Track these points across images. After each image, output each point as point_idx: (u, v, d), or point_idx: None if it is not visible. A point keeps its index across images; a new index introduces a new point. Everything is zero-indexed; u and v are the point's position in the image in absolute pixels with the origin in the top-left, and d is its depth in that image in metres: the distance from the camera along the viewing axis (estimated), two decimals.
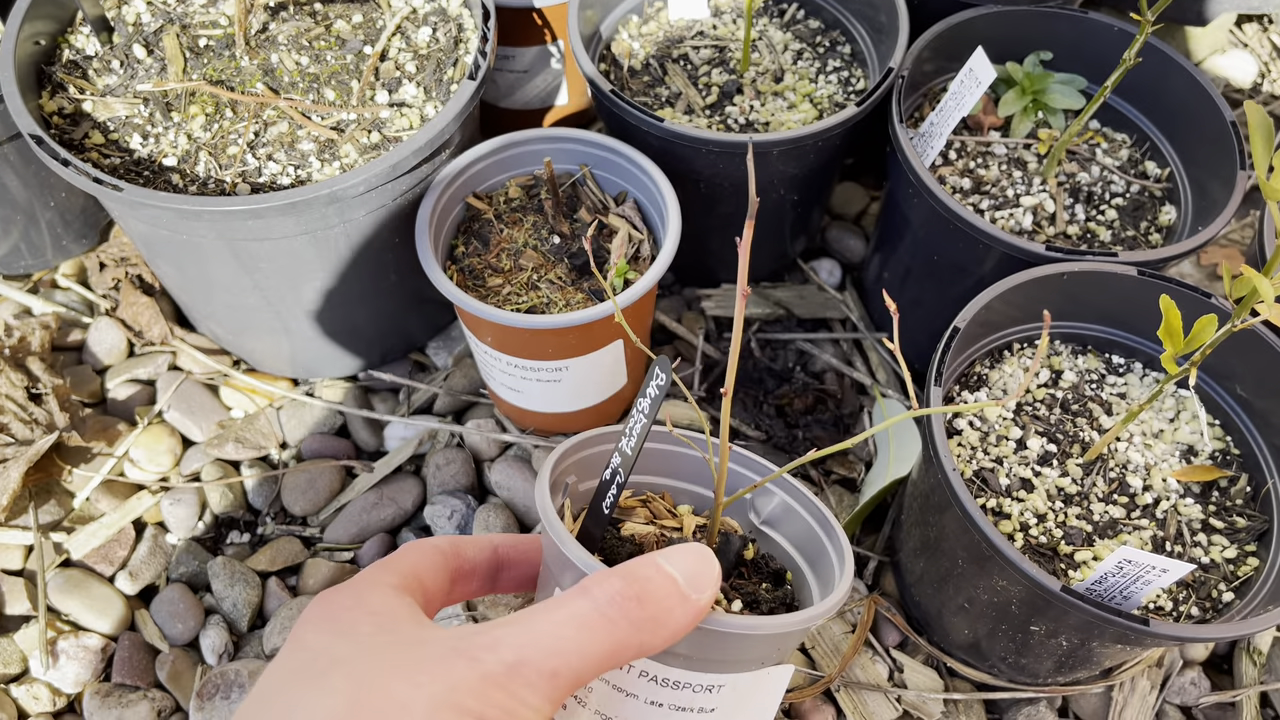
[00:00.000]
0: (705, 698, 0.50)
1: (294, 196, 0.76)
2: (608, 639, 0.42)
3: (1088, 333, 0.85)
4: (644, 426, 0.49)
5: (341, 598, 0.46)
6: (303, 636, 0.44)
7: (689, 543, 0.48)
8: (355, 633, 0.43)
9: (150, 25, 0.88)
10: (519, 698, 0.40)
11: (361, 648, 0.42)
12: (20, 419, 0.92)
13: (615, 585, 0.44)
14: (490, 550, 0.56)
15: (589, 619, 0.42)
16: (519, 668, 0.40)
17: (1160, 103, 0.96)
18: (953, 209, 0.84)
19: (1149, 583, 0.66)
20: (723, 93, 0.98)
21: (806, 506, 0.63)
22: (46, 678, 0.85)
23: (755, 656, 0.50)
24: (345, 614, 0.44)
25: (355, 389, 1.04)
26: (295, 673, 0.42)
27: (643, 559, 0.46)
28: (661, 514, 0.61)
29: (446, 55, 0.89)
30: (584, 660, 0.42)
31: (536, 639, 0.41)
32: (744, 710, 0.52)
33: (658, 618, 0.44)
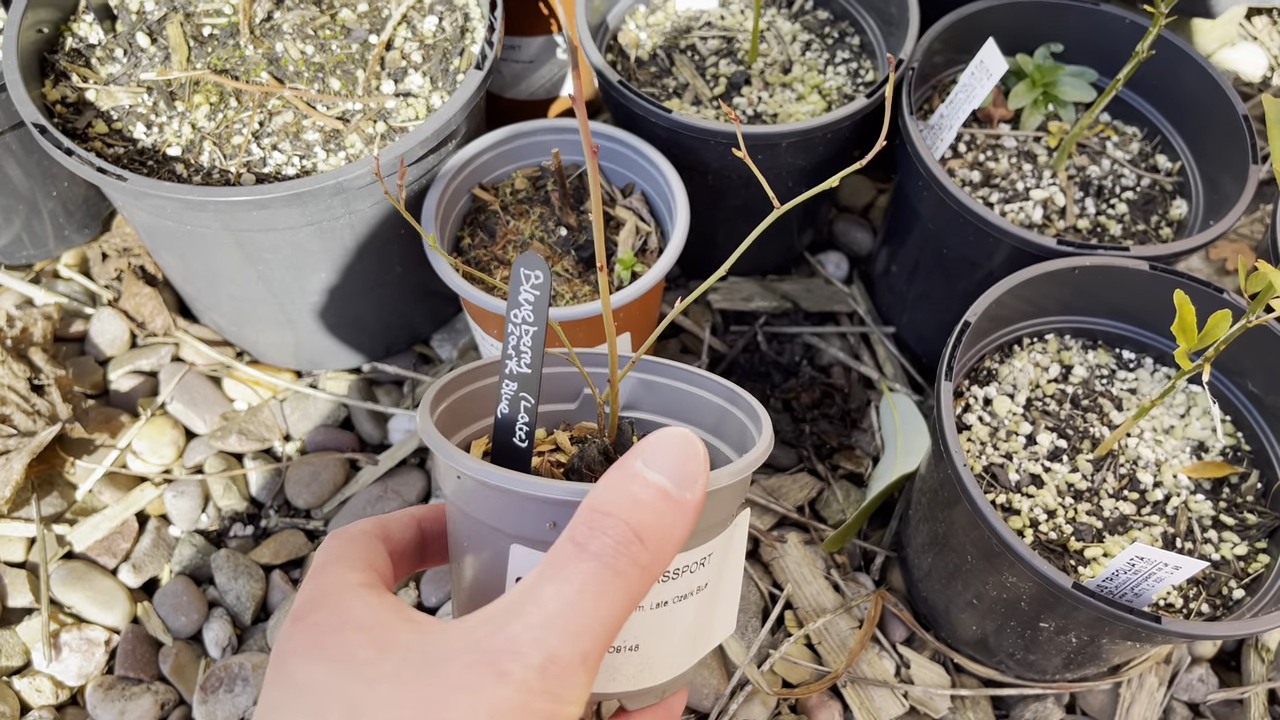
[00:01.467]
0: (700, 574, 0.47)
1: (299, 187, 0.75)
2: (624, 593, 0.39)
3: (1098, 327, 0.85)
4: (535, 336, 0.43)
5: (321, 617, 0.41)
6: (292, 672, 0.39)
7: (662, 431, 0.42)
8: (354, 660, 0.39)
9: (154, 13, 0.87)
10: (559, 697, 0.37)
11: (368, 681, 0.38)
12: (23, 410, 0.92)
13: (611, 530, 0.39)
14: (414, 526, 0.52)
15: (600, 583, 0.38)
16: (549, 667, 0.37)
17: (1172, 96, 0.96)
18: (962, 202, 0.83)
19: (1161, 580, 0.66)
20: (730, 84, 0.97)
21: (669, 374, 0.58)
22: (49, 670, 0.84)
23: (728, 512, 0.47)
24: (333, 638, 0.40)
25: (359, 381, 1.03)
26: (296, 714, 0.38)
27: (623, 473, 0.41)
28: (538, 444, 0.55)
29: (453, 45, 0.88)
30: (608, 629, 0.38)
31: (557, 627, 0.38)
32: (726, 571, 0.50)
33: (662, 545, 0.40)
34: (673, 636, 0.47)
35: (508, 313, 0.43)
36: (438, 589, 0.89)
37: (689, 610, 0.47)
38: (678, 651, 0.48)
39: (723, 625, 0.52)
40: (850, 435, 0.99)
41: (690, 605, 0.47)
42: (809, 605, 0.89)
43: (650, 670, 0.47)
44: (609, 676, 0.46)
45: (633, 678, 0.47)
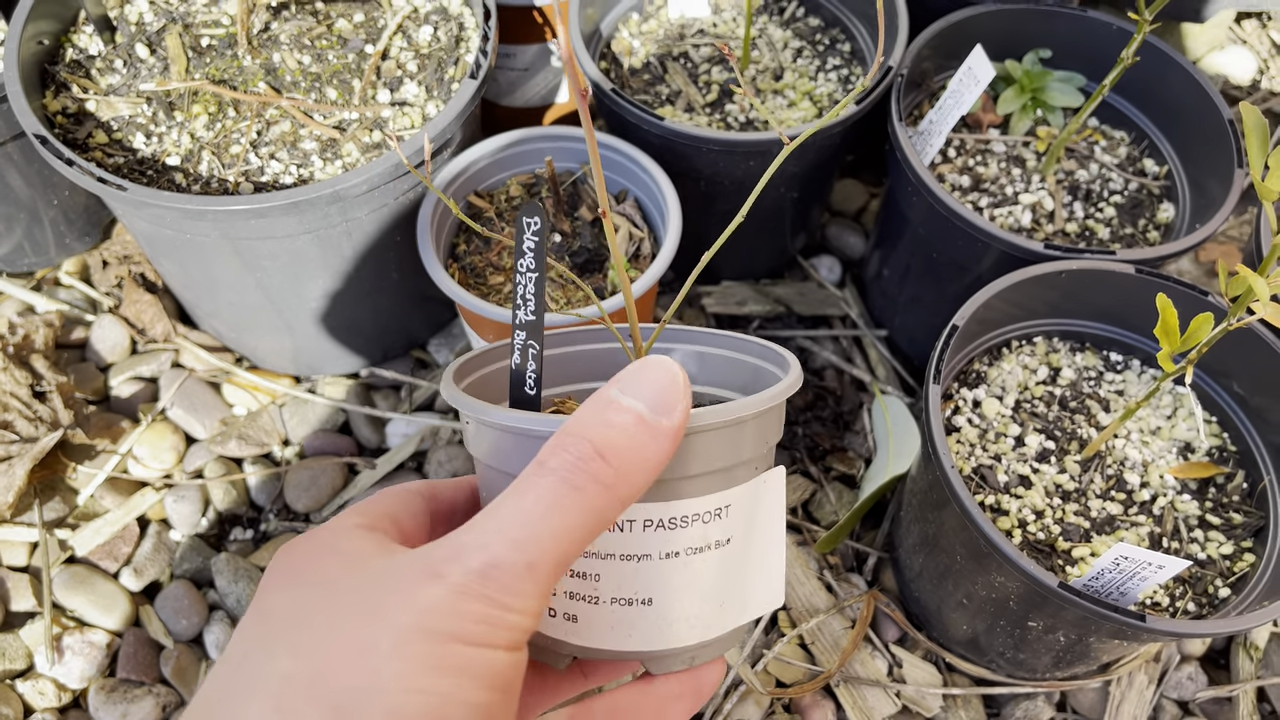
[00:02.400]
0: (718, 526, 0.45)
1: (297, 196, 0.76)
2: (582, 509, 0.38)
3: (1086, 330, 0.86)
4: (538, 282, 0.43)
5: (303, 545, 0.41)
6: (266, 601, 0.40)
7: (647, 359, 0.41)
8: (322, 582, 0.39)
9: (153, 25, 0.89)
10: (498, 603, 0.36)
11: (325, 596, 0.38)
12: (25, 416, 0.93)
13: (572, 448, 0.38)
14: (468, 489, 0.51)
15: (555, 495, 0.37)
16: (490, 570, 0.36)
17: (1159, 101, 0.97)
18: (951, 207, 0.84)
19: (1145, 579, 0.67)
20: (723, 91, 0.98)
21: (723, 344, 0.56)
22: (52, 673, 0.85)
23: (752, 454, 0.46)
24: (308, 564, 0.40)
25: (357, 386, 1.04)
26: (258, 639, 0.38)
27: (597, 397, 0.40)
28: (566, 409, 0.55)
29: (448, 54, 0.90)
30: (560, 542, 0.37)
31: (502, 534, 0.37)
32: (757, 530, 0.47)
33: (630, 465, 0.39)
34: (691, 593, 0.45)
35: (515, 262, 0.43)
36: None
37: (709, 566, 0.45)
38: (702, 612, 0.46)
39: (765, 595, 0.49)
40: (843, 437, 1.00)
41: (711, 560, 0.45)
42: (802, 606, 0.90)
43: (670, 629, 0.45)
44: (624, 632, 0.45)
45: (650, 636, 0.45)
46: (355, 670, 0.34)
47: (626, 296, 0.47)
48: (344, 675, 0.34)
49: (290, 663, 0.35)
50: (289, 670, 0.35)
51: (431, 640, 0.34)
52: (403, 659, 0.34)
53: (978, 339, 0.83)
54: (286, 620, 0.37)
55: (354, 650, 0.34)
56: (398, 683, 0.34)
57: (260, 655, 0.36)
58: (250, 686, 0.36)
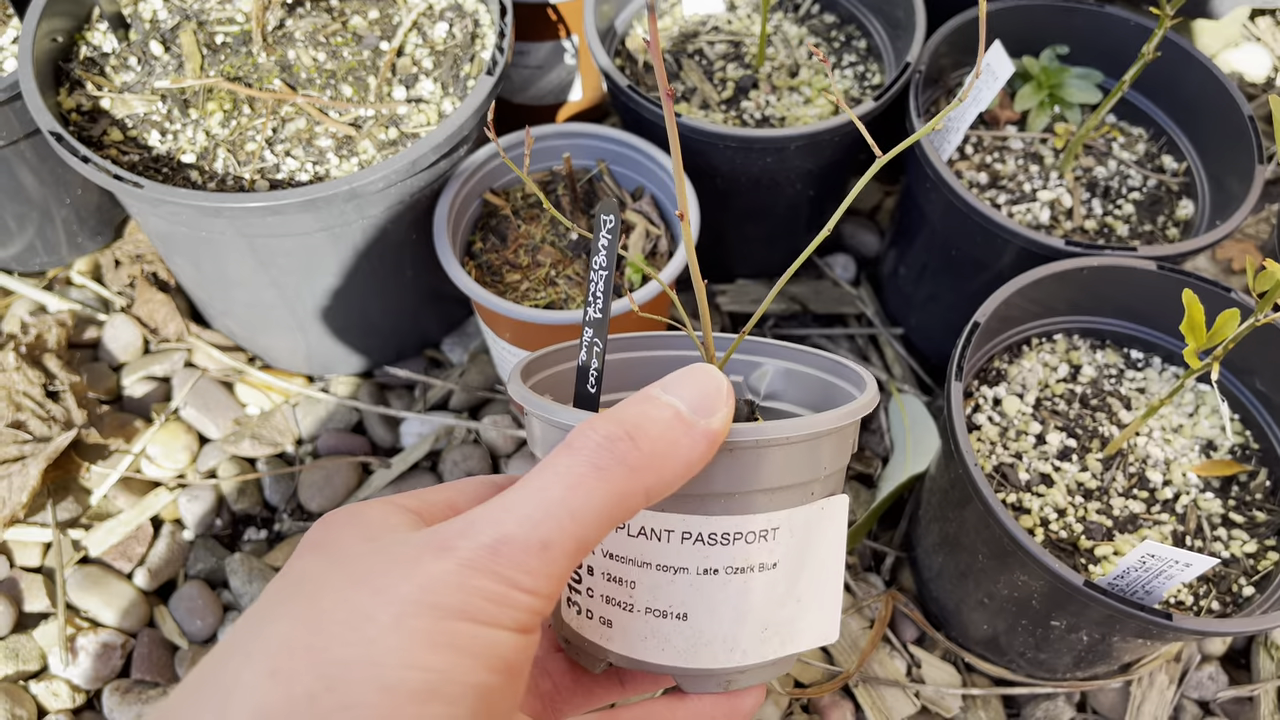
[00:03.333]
0: (762, 548, 0.43)
1: (313, 193, 0.76)
2: (603, 491, 0.37)
3: (1106, 327, 0.85)
4: (607, 281, 0.43)
5: (339, 515, 0.41)
6: (294, 562, 0.39)
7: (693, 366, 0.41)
8: (342, 548, 0.38)
9: (167, 22, 0.88)
10: (508, 579, 0.34)
11: (336, 563, 0.37)
12: (38, 416, 0.92)
13: (602, 429, 0.38)
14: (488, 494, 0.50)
15: (576, 474, 0.37)
16: (500, 546, 0.35)
17: (1177, 97, 0.96)
18: (970, 203, 0.84)
19: (1171, 577, 0.66)
20: (738, 88, 0.98)
21: (805, 360, 0.55)
22: (66, 674, 0.85)
23: (801, 477, 0.44)
24: (334, 533, 0.40)
25: (371, 385, 1.04)
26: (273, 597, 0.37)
27: (639, 395, 0.40)
28: None
29: (463, 51, 0.89)
30: (578, 522, 0.36)
31: (517, 511, 0.36)
32: (808, 559, 0.46)
33: (659, 453, 0.38)
34: (729, 613, 0.44)
35: (590, 260, 0.43)
36: None
37: (752, 588, 0.44)
38: (740, 636, 0.44)
39: (816, 628, 0.47)
40: (860, 436, 1.00)
41: (754, 583, 0.44)
42: None
43: (705, 648, 0.44)
44: (657, 645, 0.44)
45: (684, 652, 0.44)
46: (352, 641, 0.33)
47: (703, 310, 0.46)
48: (340, 645, 0.33)
49: (289, 626, 0.34)
50: (287, 634, 0.34)
51: (434, 615, 0.33)
52: (402, 632, 0.33)
53: (998, 336, 0.83)
54: (296, 584, 0.37)
55: (353, 620, 0.33)
56: (394, 657, 0.33)
57: (265, 617, 0.36)
58: (250, 647, 0.34)
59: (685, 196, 0.41)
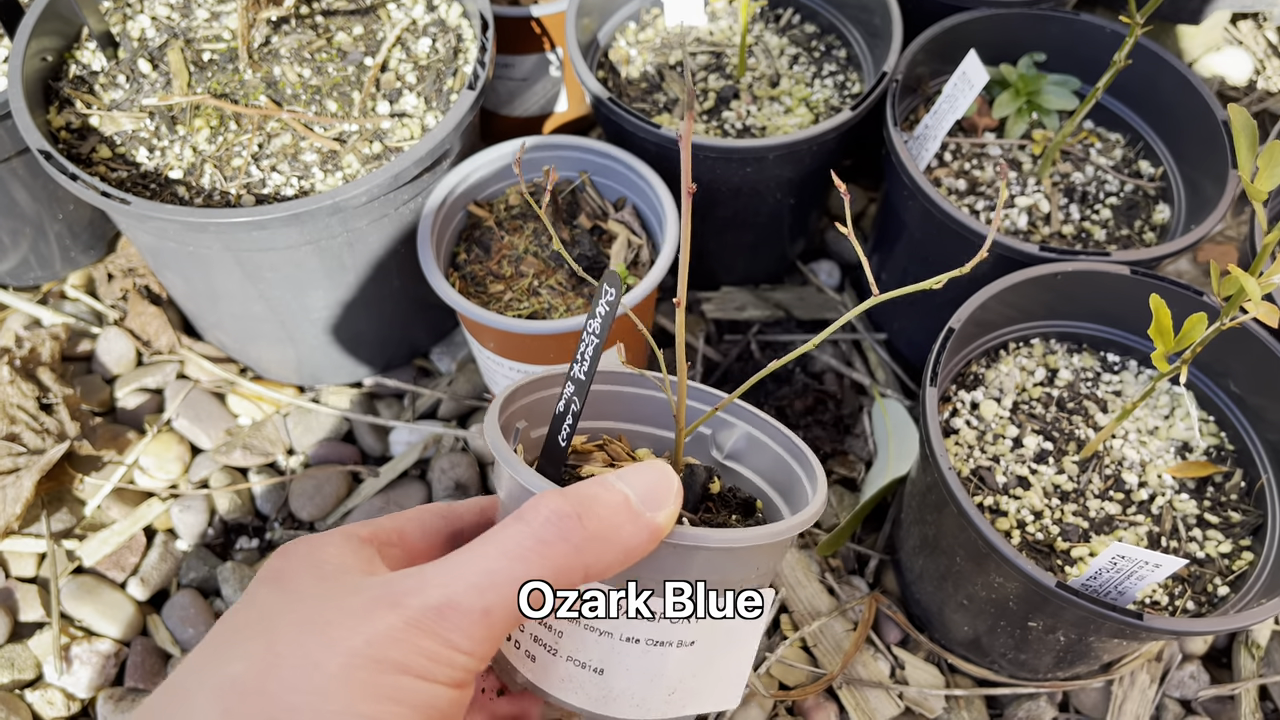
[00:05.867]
0: (684, 629, 0.46)
1: (298, 207, 0.77)
2: (544, 565, 0.39)
3: (1083, 331, 0.86)
4: (596, 348, 0.46)
5: (299, 548, 0.43)
6: (253, 591, 0.42)
7: (648, 462, 0.44)
8: (297, 588, 0.40)
9: (155, 40, 0.90)
10: (448, 642, 0.37)
11: (292, 603, 0.39)
12: (32, 429, 0.94)
13: (553, 505, 0.40)
14: (478, 511, 0.54)
15: (523, 546, 0.39)
16: (446, 609, 0.37)
17: (1153, 102, 0.97)
18: (947, 211, 0.85)
19: (1143, 578, 0.67)
20: (720, 98, 0.99)
21: (770, 434, 0.59)
22: (60, 683, 0.86)
23: (732, 577, 0.47)
24: (295, 567, 0.42)
25: (361, 395, 1.05)
26: (231, 630, 0.40)
27: (591, 479, 0.42)
28: (620, 457, 0.59)
29: (446, 65, 0.90)
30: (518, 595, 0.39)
31: (466, 576, 0.38)
32: (726, 643, 0.49)
33: (602, 536, 0.40)
34: (642, 677, 0.47)
35: (585, 323, 0.46)
36: None
37: (668, 659, 0.47)
38: (649, 695, 0.48)
39: (719, 695, 0.51)
40: (843, 441, 1.01)
41: (671, 655, 0.47)
42: (804, 608, 0.90)
43: (615, 701, 0.48)
44: (573, 689, 0.48)
45: (593, 699, 0.48)
46: (299, 687, 0.36)
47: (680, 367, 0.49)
48: (288, 689, 0.36)
49: (244, 667, 0.37)
50: (239, 674, 0.37)
51: (378, 668, 0.36)
52: (346, 682, 0.36)
53: (975, 341, 0.84)
54: (251, 622, 0.39)
55: (303, 666, 0.36)
56: (339, 704, 0.35)
57: (221, 654, 0.38)
58: (203, 684, 0.37)
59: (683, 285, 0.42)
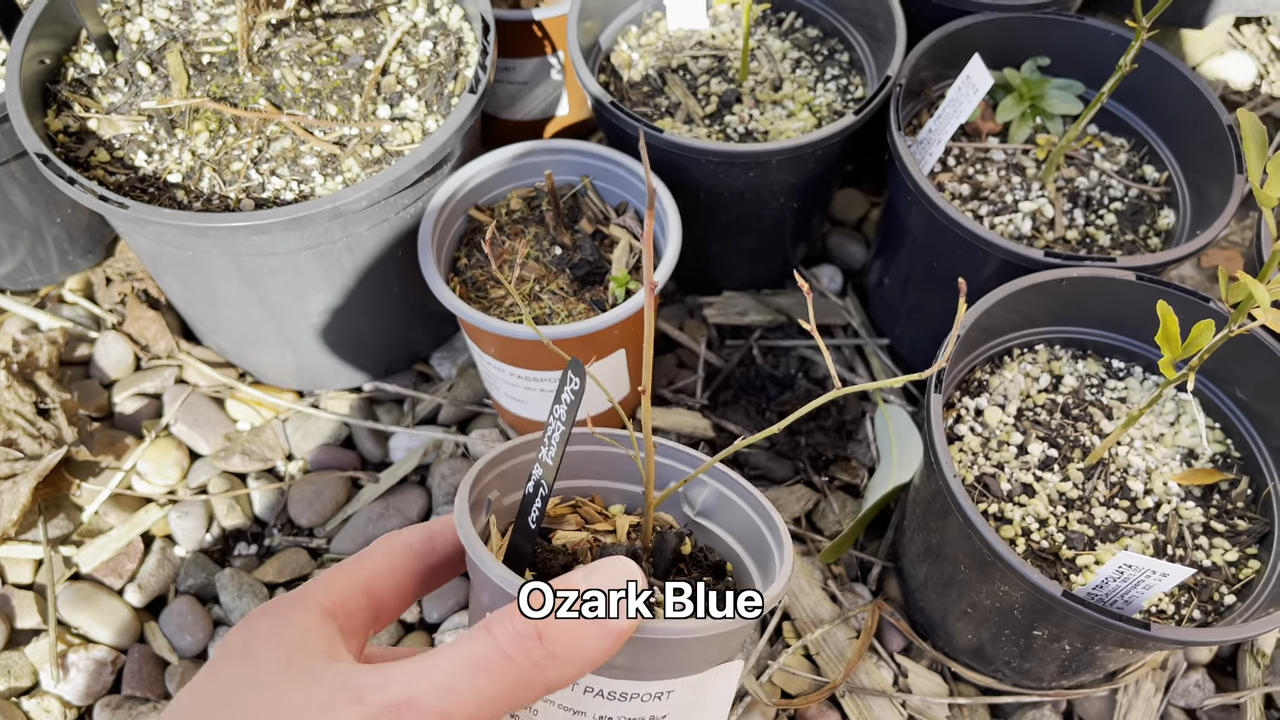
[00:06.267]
0: (655, 705, 0.48)
1: (297, 212, 0.77)
2: (506, 679, 0.40)
3: (1088, 337, 0.86)
4: (563, 434, 0.47)
5: (263, 623, 0.44)
6: (215, 668, 0.43)
7: (612, 558, 0.45)
8: (260, 669, 0.42)
9: (154, 43, 0.89)
10: None
11: (256, 687, 0.41)
12: (29, 434, 0.93)
13: (517, 622, 0.41)
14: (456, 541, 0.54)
15: (487, 658, 0.40)
16: (405, 708, 0.38)
17: (1158, 107, 0.97)
18: (951, 215, 0.84)
19: (1150, 587, 0.67)
20: (722, 102, 0.99)
21: (740, 494, 0.60)
22: (57, 691, 0.85)
23: (700, 659, 0.48)
24: (259, 645, 0.43)
25: (360, 400, 1.04)
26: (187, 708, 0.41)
27: (560, 581, 0.44)
28: (593, 518, 0.60)
29: (447, 69, 0.90)
30: (479, 701, 0.40)
31: (428, 676, 0.40)
32: (699, 708, 0.50)
33: (565, 654, 0.41)
34: None
35: (551, 407, 0.47)
36: (439, 605, 0.90)
37: None
38: None
39: None
40: (846, 447, 1.00)
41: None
42: (807, 616, 0.89)
43: None
44: None
45: None
46: None
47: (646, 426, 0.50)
48: None
49: None
50: None
51: None
52: None
53: (979, 347, 0.83)
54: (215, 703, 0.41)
55: None
56: None
57: None
58: None
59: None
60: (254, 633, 0.44)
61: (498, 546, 0.55)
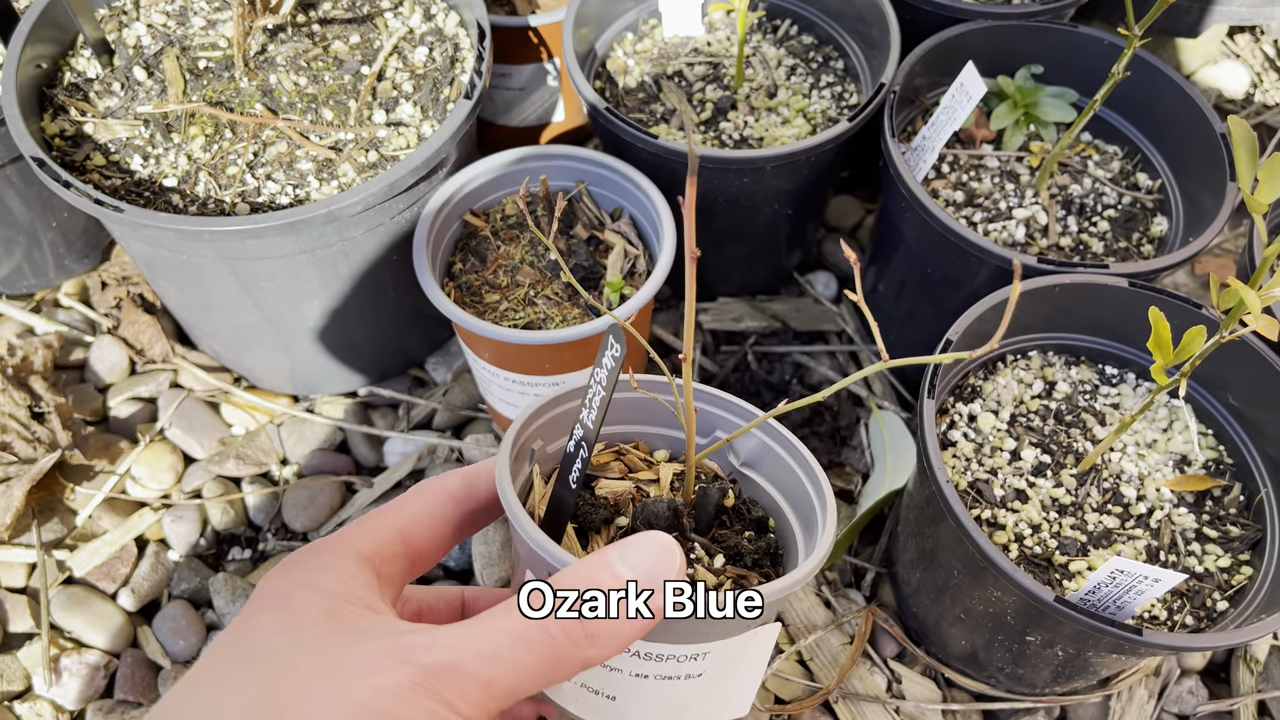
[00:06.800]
0: (691, 665, 0.49)
1: (292, 216, 0.77)
2: (547, 654, 0.41)
3: (1081, 344, 0.86)
4: (603, 399, 0.47)
5: (300, 573, 0.44)
6: (253, 616, 0.42)
7: (647, 534, 0.45)
8: (301, 619, 0.41)
9: (150, 48, 0.89)
10: (449, 704, 0.38)
11: (300, 639, 0.41)
12: (23, 438, 0.93)
13: None
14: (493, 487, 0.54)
15: (529, 632, 0.41)
16: (450, 672, 0.39)
17: (1151, 115, 0.97)
18: (945, 222, 0.84)
19: (1142, 592, 0.67)
20: (717, 109, 0.99)
21: (786, 447, 0.59)
22: (50, 695, 0.85)
23: (736, 625, 0.49)
24: (299, 593, 0.43)
25: (355, 405, 1.04)
26: (232, 656, 0.41)
27: (598, 559, 0.44)
28: (637, 465, 0.59)
29: (443, 74, 0.90)
30: (519, 673, 0.40)
31: (474, 643, 0.40)
32: (732, 669, 0.51)
33: (602, 635, 0.42)
34: (651, 704, 0.49)
35: (592, 370, 0.48)
36: None
37: (676, 690, 0.49)
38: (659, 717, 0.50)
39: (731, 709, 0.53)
40: (840, 452, 1.00)
41: (679, 687, 0.49)
42: (800, 622, 0.90)
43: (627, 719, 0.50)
44: (588, 708, 0.50)
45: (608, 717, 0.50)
46: None
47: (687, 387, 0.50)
48: None
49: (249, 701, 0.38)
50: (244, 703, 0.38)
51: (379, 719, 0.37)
52: None
53: None
54: (256, 654, 0.40)
55: (308, 709, 0.37)
56: None
57: (225, 685, 0.39)
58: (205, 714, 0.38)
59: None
60: (292, 580, 0.44)
61: (540, 496, 0.55)
